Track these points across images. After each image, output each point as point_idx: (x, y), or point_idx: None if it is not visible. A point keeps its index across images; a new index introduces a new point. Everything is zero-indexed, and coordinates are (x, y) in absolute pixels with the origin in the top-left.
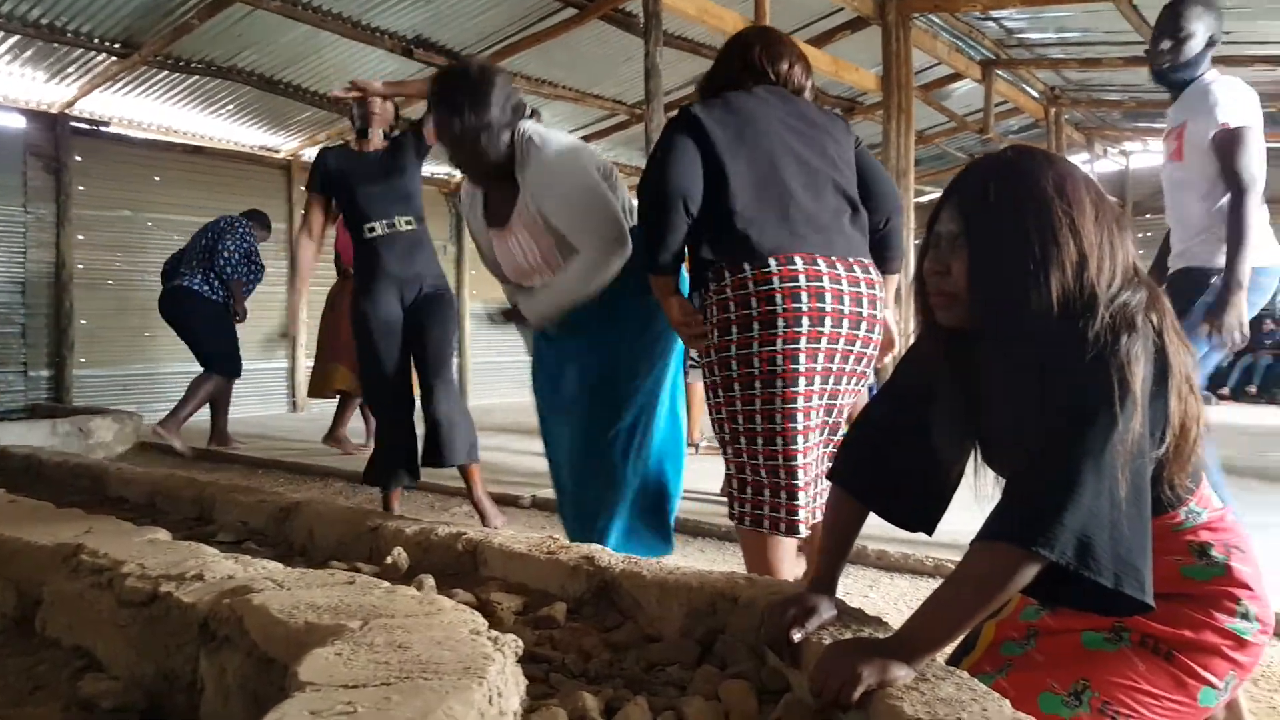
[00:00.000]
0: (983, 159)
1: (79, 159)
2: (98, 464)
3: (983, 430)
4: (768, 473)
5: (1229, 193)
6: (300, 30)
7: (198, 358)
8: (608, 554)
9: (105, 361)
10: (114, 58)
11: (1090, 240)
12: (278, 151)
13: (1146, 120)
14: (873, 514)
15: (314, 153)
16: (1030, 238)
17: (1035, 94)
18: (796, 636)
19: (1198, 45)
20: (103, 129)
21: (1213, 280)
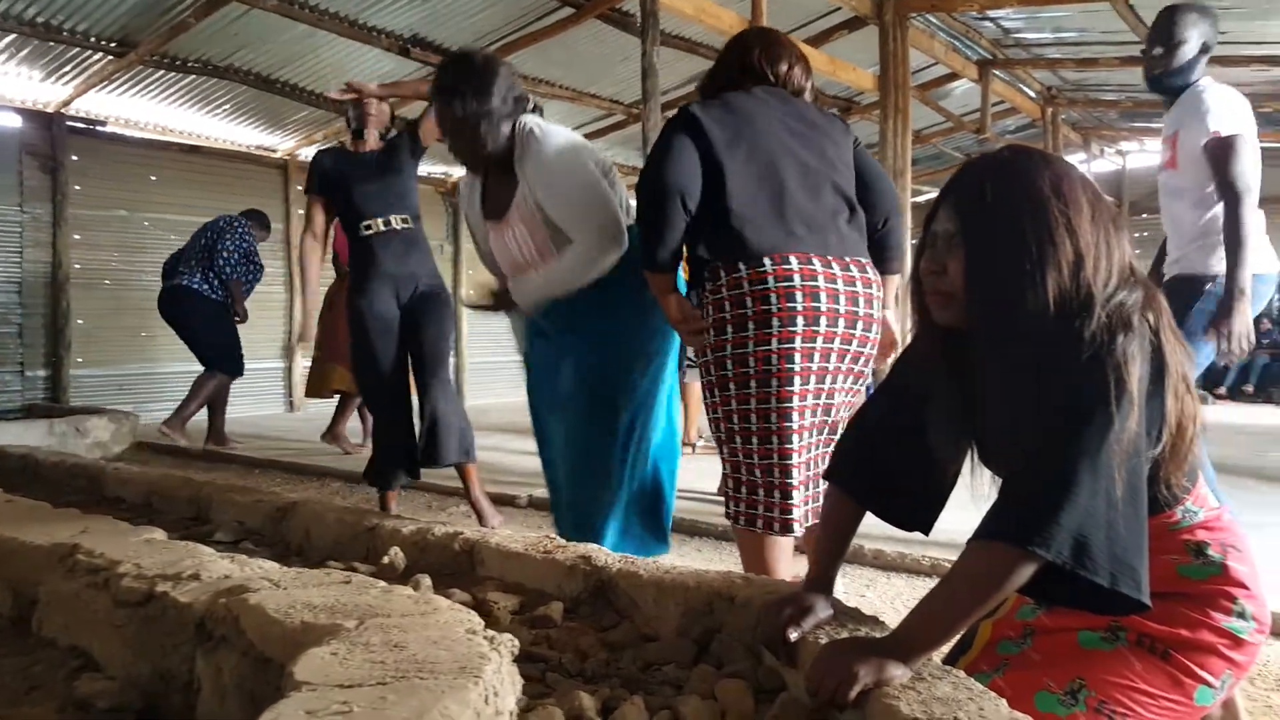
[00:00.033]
0: (979, 159)
1: (75, 158)
2: (94, 464)
3: (979, 430)
4: (762, 472)
5: (1224, 201)
6: (297, 29)
7: (197, 357)
8: (604, 553)
9: (102, 361)
10: (110, 57)
11: (1086, 240)
12: (274, 151)
13: (1143, 120)
14: (869, 513)
15: (311, 152)
16: (1027, 237)
17: (1032, 94)
18: (793, 636)
19: (1190, 52)
20: (99, 128)
21: (1207, 287)
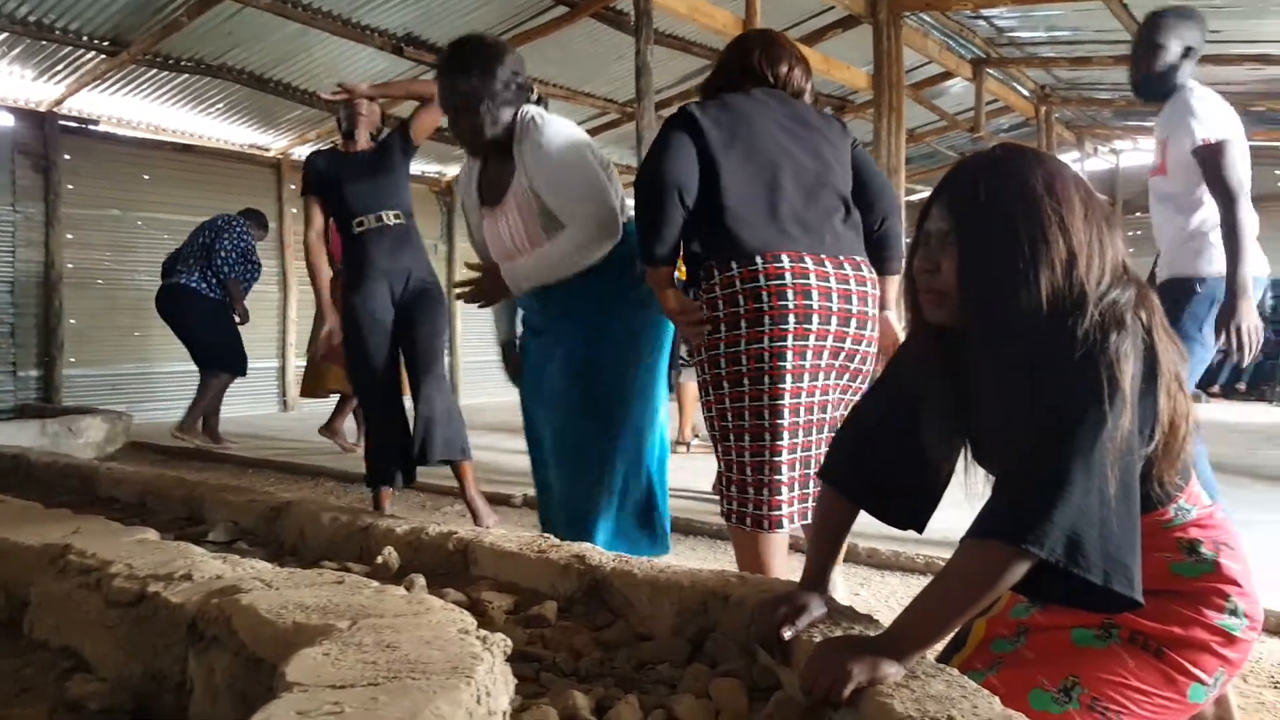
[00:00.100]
0: (972, 157)
1: (68, 158)
2: (87, 464)
3: (973, 428)
4: (752, 470)
5: (1219, 203)
6: (290, 28)
7: (193, 356)
8: (599, 553)
9: (95, 361)
10: (103, 55)
11: (1079, 238)
12: (268, 150)
13: (1137, 119)
14: (864, 512)
15: (304, 151)
16: (1020, 236)
17: (1026, 92)
18: (787, 634)
19: (1171, 57)
20: (92, 127)
21: (1197, 289)
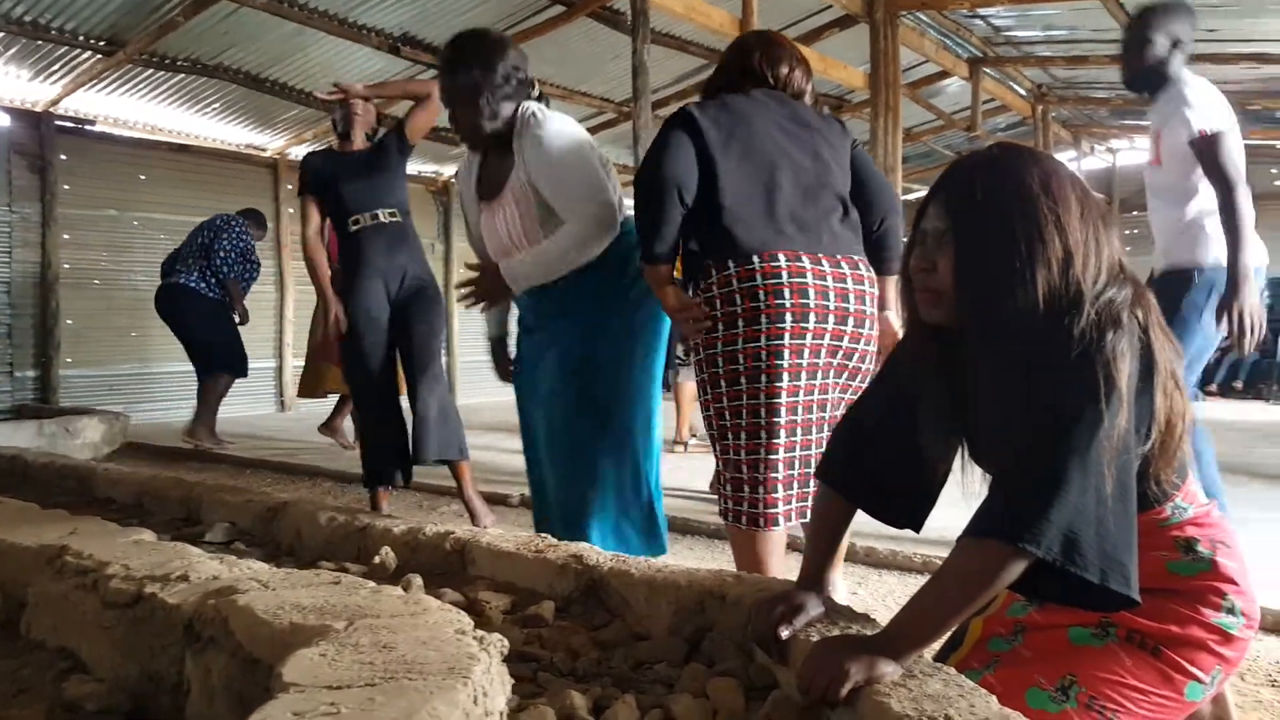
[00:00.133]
0: (969, 156)
1: (64, 158)
2: (84, 464)
3: (969, 427)
4: (748, 468)
5: (1218, 192)
6: (287, 28)
7: (191, 355)
8: (596, 552)
9: (92, 362)
10: (99, 55)
11: (1076, 237)
12: (264, 150)
13: (1133, 117)
14: (861, 511)
15: (301, 151)
16: (1016, 235)
17: (1022, 92)
18: (784, 634)
19: (1159, 50)
20: (88, 127)
21: (1195, 278)
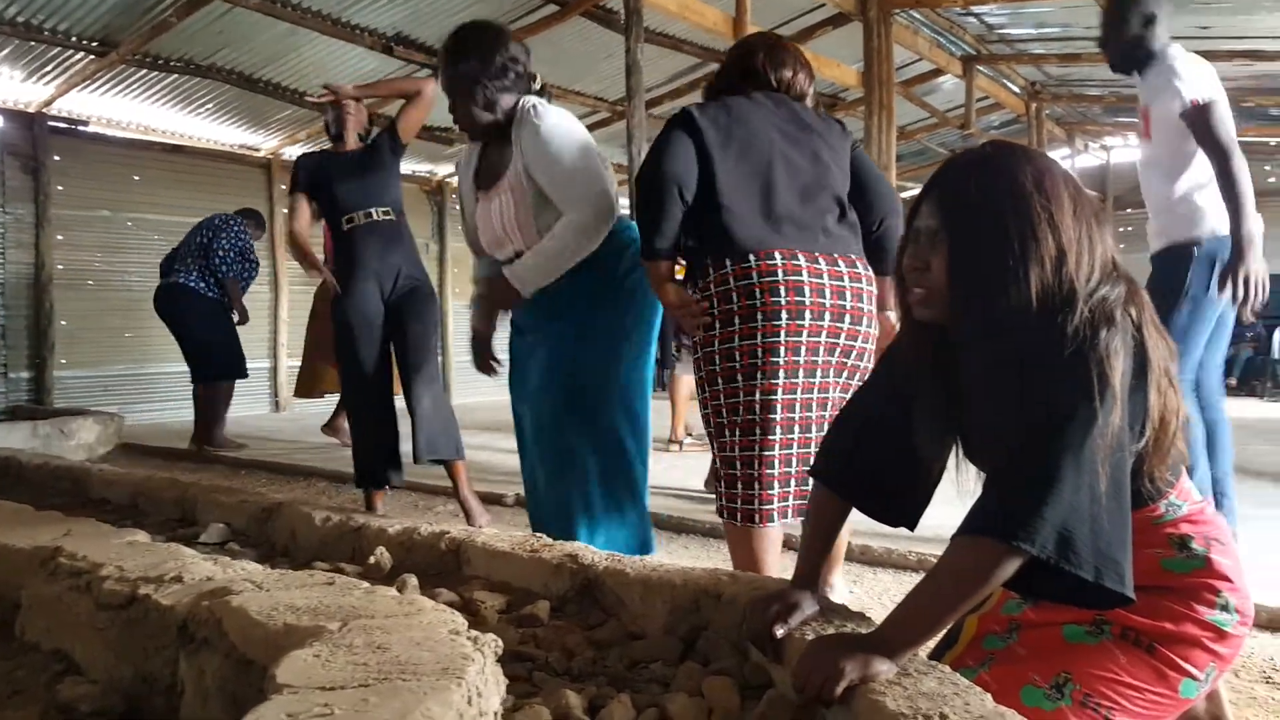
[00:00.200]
0: (961, 155)
1: (57, 159)
2: (79, 466)
3: (964, 425)
4: (743, 465)
5: (1214, 161)
6: (280, 28)
7: (187, 356)
8: (591, 552)
9: (86, 362)
10: (92, 56)
11: (1069, 235)
12: (258, 150)
13: (1127, 115)
14: (856, 509)
15: (294, 151)
16: (1009, 233)
17: (1016, 89)
18: (779, 632)
19: (1134, 27)
20: (81, 128)
21: (1193, 251)
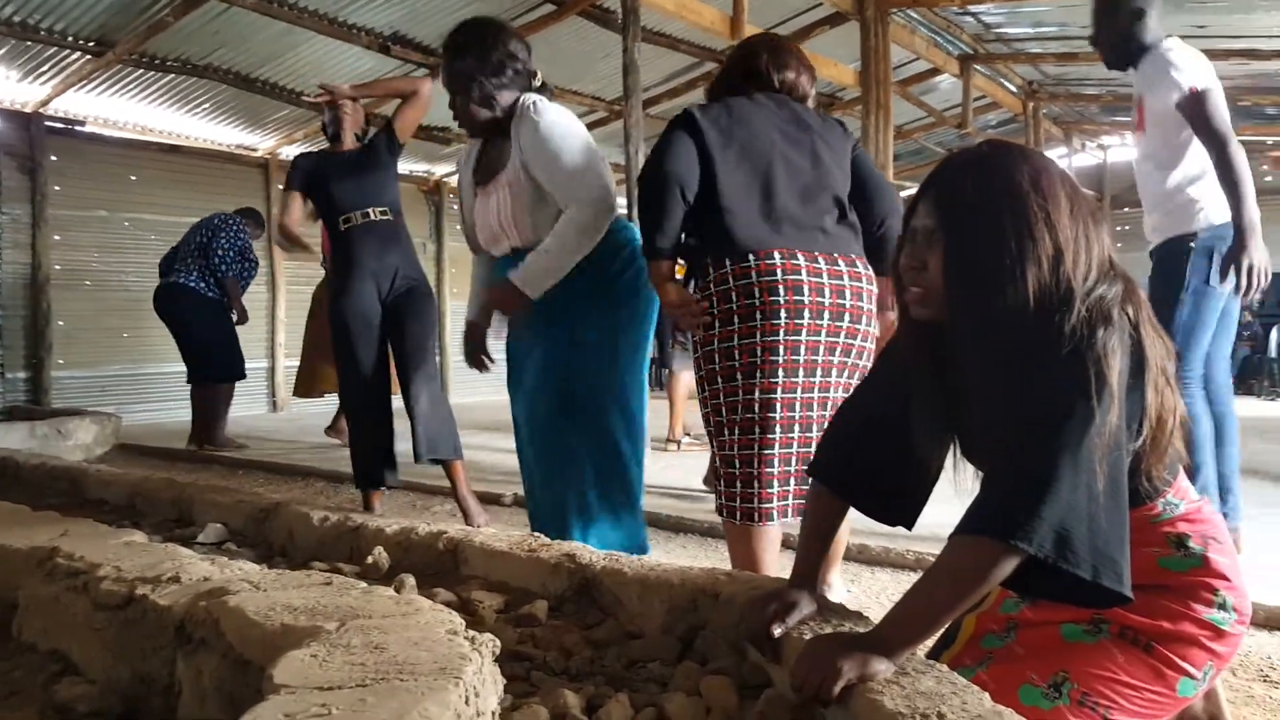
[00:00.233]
0: (958, 154)
1: (54, 159)
2: (76, 466)
3: (961, 424)
4: (742, 463)
5: (1211, 150)
6: (276, 27)
7: (186, 356)
8: (589, 551)
9: (83, 363)
10: (88, 56)
11: (1066, 234)
12: (255, 150)
13: (1124, 114)
14: (853, 509)
15: (292, 151)
16: (1006, 232)
17: (1013, 89)
18: (777, 632)
19: (1122, 23)
20: (78, 128)
21: (1191, 245)
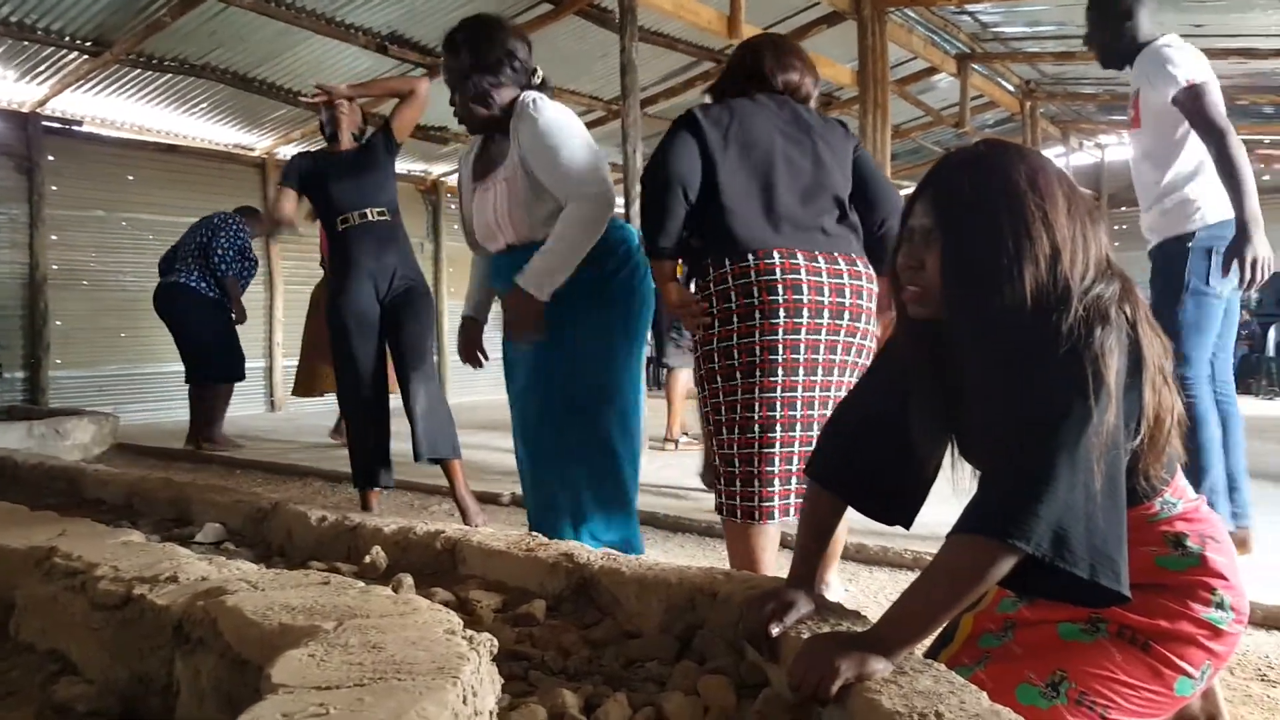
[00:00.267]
0: (955, 153)
1: (51, 159)
2: (74, 466)
3: (959, 423)
4: (742, 462)
5: (1210, 144)
6: (274, 27)
7: (185, 356)
8: (587, 551)
9: (81, 362)
10: (86, 56)
11: (1063, 233)
12: (252, 150)
13: (1121, 113)
14: (851, 508)
15: (289, 151)
16: (1003, 231)
17: (1011, 88)
18: (775, 631)
19: (1114, 20)
20: (75, 128)
21: (1189, 245)
